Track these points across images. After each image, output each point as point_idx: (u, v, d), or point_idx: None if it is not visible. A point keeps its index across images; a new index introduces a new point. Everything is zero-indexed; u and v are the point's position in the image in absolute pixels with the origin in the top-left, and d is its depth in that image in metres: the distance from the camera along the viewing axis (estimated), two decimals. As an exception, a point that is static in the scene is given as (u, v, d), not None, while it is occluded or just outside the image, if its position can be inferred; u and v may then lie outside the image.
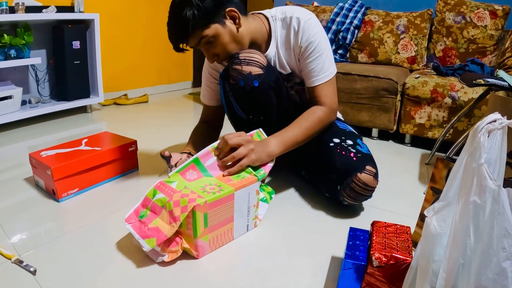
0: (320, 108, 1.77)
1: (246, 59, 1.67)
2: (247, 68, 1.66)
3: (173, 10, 1.61)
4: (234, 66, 1.68)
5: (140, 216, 1.41)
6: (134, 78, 4.44)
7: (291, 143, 1.70)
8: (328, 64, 1.77)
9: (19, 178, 2.07)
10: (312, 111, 1.76)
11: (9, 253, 1.40)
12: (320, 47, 1.74)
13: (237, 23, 1.68)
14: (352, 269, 1.18)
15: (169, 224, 1.33)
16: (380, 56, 3.39)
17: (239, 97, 1.75)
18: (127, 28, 4.21)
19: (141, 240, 1.31)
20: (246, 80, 1.66)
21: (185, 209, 1.31)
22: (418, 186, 2.11)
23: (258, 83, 1.67)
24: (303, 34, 1.72)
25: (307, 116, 1.75)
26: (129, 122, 3.37)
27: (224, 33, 1.65)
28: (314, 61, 1.74)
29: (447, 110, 2.62)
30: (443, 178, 1.38)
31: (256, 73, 1.66)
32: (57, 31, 3.33)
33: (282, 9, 1.80)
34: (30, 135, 2.91)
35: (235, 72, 1.67)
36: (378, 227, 1.28)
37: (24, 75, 3.34)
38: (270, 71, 1.73)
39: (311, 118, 1.74)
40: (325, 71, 1.76)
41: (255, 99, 1.74)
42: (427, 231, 0.90)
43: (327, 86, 1.78)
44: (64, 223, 1.65)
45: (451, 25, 3.16)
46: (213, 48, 1.67)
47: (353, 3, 3.60)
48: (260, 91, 1.70)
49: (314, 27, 1.73)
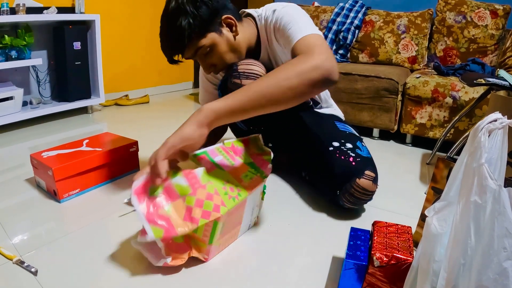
0: (301, 56, 1.34)
1: (246, 72, 1.63)
2: (246, 82, 1.61)
3: (166, 19, 1.56)
4: (233, 80, 1.64)
5: (151, 192, 1.26)
6: (135, 79, 4.45)
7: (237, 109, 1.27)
8: (304, 24, 1.50)
9: (20, 178, 2.08)
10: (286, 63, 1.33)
11: (10, 254, 1.40)
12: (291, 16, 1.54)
13: (233, 30, 1.64)
14: (353, 269, 1.18)
15: (183, 220, 1.24)
16: (381, 56, 3.39)
17: None
18: (128, 29, 4.21)
19: (146, 225, 1.19)
20: None
21: (208, 216, 1.25)
22: (419, 186, 2.11)
23: None
24: (273, 21, 1.61)
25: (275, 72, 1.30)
26: (130, 122, 3.37)
27: (221, 42, 1.60)
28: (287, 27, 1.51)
29: (448, 110, 2.62)
30: (444, 178, 1.38)
31: None
32: (58, 32, 3.34)
33: (266, 6, 1.73)
34: (31, 136, 2.91)
35: (235, 87, 1.61)
36: (379, 227, 1.28)
37: (25, 76, 3.35)
38: None
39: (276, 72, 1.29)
40: (301, 29, 1.47)
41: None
42: (428, 231, 0.90)
43: (308, 38, 1.43)
44: (65, 224, 1.65)
45: (451, 25, 3.16)
46: (210, 58, 1.63)
47: (353, 3, 3.61)
48: None
49: (281, 5, 1.61)
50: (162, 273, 1.32)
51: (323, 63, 1.27)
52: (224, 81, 1.71)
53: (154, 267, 1.33)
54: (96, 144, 2.06)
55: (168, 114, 3.73)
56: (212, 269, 1.35)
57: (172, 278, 1.30)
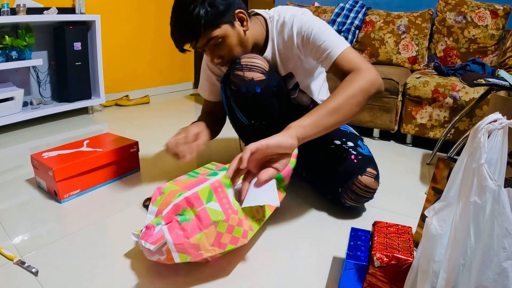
0: (356, 73, 1.44)
1: (248, 65, 1.62)
2: (249, 74, 1.61)
3: (180, 7, 1.56)
4: (236, 72, 1.63)
5: (181, 217, 1.23)
6: (135, 79, 4.45)
7: (317, 133, 1.37)
8: (337, 38, 1.57)
9: (20, 179, 2.08)
10: (347, 81, 1.42)
11: (11, 254, 1.40)
12: (319, 28, 1.58)
13: (244, 25, 1.64)
14: (354, 269, 1.18)
15: (211, 246, 1.22)
16: (381, 56, 3.39)
17: (241, 102, 1.73)
18: (128, 29, 4.21)
19: (174, 253, 1.18)
20: (248, 86, 1.62)
21: (236, 242, 1.26)
22: (419, 186, 2.11)
23: (260, 89, 1.63)
24: (298, 27, 1.63)
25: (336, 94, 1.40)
26: (130, 123, 3.38)
27: (233, 35, 1.60)
28: (321, 38, 1.56)
29: (448, 110, 2.63)
30: (444, 178, 1.38)
31: (258, 79, 1.62)
32: (58, 33, 3.34)
33: (278, 9, 1.74)
34: (31, 137, 2.92)
35: (237, 78, 1.63)
36: (380, 227, 1.28)
37: (26, 77, 3.35)
38: (272, 76, 1.69)
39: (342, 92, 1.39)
40: (337, 42, 1.54)
41: (257, 104, 1.70)
42: (428, 231, 0.90)
43: (346, 56, 1.51)
44: (65, 224, 1.66)
45: (452, 25, 3.16)
46: (219, 50, 1.63)
47: (353, 3, 3.60)
48: (263, 96, 1.66)
49: (307, 17, 1.63)
50: (163, 273, 1.32)
51: (376, 78, 1.43)
52: (227, 74, 1.72)
53: (155, 268, 1.34)
54: (97, 144, 2.07)
55: (169, 114, 3.73)
56: (212, 268, 1.35)
57: (173, 278, 1.30)
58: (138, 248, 1.44)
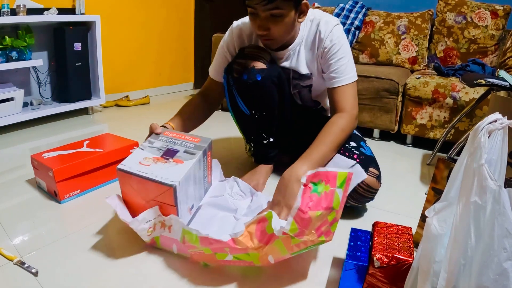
0: (340, 116, 1.70)
1: (250, 54, 1.71)
2: (251, 62, 1.69)
3: None
4: (238, 60, 1.72)
5: (314, 187, 1.26)
6: (135, 80, 4.44)
7: (319, 162, 1.59)
8: (351, 67, 1.76)
9: (20, 179, 2.08)
10: (332, 122, 1.68)
11: (11, 255, 1.40)
12: (344, 50, 1.74)
13: (301, 17, 1.68)
14: (354, 270, 1.18)
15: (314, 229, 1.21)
16: (381, 57, 3.39)
17: (242, 90, 1.79)
18: (128, 30, 4.21)
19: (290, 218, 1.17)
20: (249, 74, 1.69)
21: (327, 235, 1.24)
22: (419, 186, 2.12)
23: (261, 77, 1.70)
24: (329, 36, 1.72)
25: (329, 129, 1.66)
26: (130, 123, 3.38)
27: (291, 19, 1.62)
28: (337, 62, 1.72)
29: (448, 111, 2.63)
30: (444, 178, 1.38)
31: (259, 67, 1.70)
32: (58, 33, 3.33)
33: (312, 12, 1.79)
34: (31, 137, 2.91)
35: (239, 66, 1.71)
36: (380, 227, 1.28)
37: (26, 77, 3.34)
38: (273, 67, 1.77)
39: (333, 130, 1.66)
40: (347, 73, 1.73)
41: (258, 93, 1.77)
42: (428, 231, 0.90)
43: (348, 90, 1.73)
44: (66, 225, 1.66)
45: (452, 25, 3.16)
46: (272, 23, 1.61)
47: (354, 3, 3.61)
48: (263, 85, 1.73)
49: (340, 32, 1.75)
50: (163, 273, 1.32)
51: (355, 123, 1.74)
52: (230, 63, 1.79)
53: (156, 269, 1.34)
54: (97, 145, 2.06)
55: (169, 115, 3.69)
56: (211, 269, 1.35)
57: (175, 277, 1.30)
58: (138, 248, 1.44)
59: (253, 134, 1.97)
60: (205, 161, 1.60)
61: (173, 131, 1.68)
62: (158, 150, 1.53)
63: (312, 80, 1.87)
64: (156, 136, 1.63)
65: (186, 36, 4.93)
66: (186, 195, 1.44)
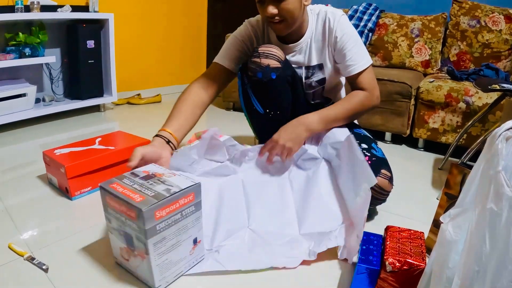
0: (361, 92, 1.79)
1: (265, 53, 1.71)
2: (266, 61, 1.70)
3: None
4: (253, 59, 1.72)
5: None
6: (147, 78, 4.46)
7: (331, 120, 1.75)
8: (364, 53, 1.81)
9: (32, 175, 2.08)
10: (353, 94, 1.80)
11: (21, 250, 1.40)
12: (355, 38, 1.79)
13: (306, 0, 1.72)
14: (365, 273, 1.18)
15: None
16: (394, 60, 3.38)
17: (257, 89, 1.80)
18: (141, 28, 4.22)
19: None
20: (264, 72, 1.70)
21: None
22: (431, 191, 2.10)
23: (275, 75, 1.71)
24: (338, 27, 1.76)
25: (348, 98, 1.80)
26: (142, 121, 3.39)
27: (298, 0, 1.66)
28: (351, 51, 1.77)
29: (461, 115, 2.61)
30: (457, 184, 1.37)
31: (274, 66, 1.70)
32: (71, 30, 3.35)
33: (317, 6, 1.84)
34: (43, 133, 2.93)
35: (254, 65, 1.72)
36: (392, 232, 1.28)
37: (38, 74, 3.37)
38: (287, 66, 1.79)
39: (352, 100, 1.78)
40: (362, 59, 1.78)
41: (272, 91, 1.78)
42: (443, 237, 0.90)
43: (366, 74, 1.80)
44: (76, 221, 1.66)
45: (465, 29, 3.14)
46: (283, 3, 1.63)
47: (367, 5, 3.59)
48: (278, 83, 1.75)
49: (347, 21, 1.80)
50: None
51: (375, 101, 1.82)
52: (245, 63, 1.80)
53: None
54: (109, 142, 2.07)
55: (180, 114, 3.72)
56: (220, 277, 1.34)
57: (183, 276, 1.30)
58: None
59: (266, 133, 1.97)
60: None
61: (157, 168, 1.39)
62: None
63: (325, 71, 1.88)
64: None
65: (198, 36, 4.94)
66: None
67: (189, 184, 1.24)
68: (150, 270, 1.19)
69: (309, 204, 1.59)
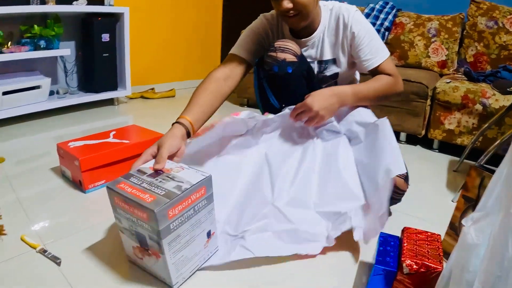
0: (388, 76, 1.78)
1: (281, 47, 1.71)
2: (282, 55, 1.70)
3: None
4: (269, 53, 1.72)
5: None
6: (161, 73, 4.47)
7: (362, 97, 1.74)
8: (382, 45, 1.81)
9: (45, 167, 2.09)
10: (381, 76, 1.78)
11: (34, 242, 1.40)
12: (372, 32, 1.79)
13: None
14: (382, 275, 1.17)
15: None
16: (410, 59, 3.35)
17: (273, 83, 1.80)
18: (156, 23, 4.23)
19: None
20: (280, 66, 1.70)
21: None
22: (445, 193, 2.08)
23: (292, 69, 1.70)
24: (353, 22, 1.76)
25: (376, 79, 1.77)
26: (155, 116, 3.40)
27: None
28: (369, 44, 1.77)
29: (477, 117, 2.59)
30: (475, 186, 1.36)
31: (290, 60, 1.70)
32: (87, 24, 3.36)
33: (330, 1, 1.85)
34: (56, 125, 2.94)
35: (270, 59, 1.71)
36: (409, 233, 1.26)
37: (53, 66, 3.38)
38: (303, 61, 1.79)
39: (381, 81, 1.76)
40: (381, 51, 1.79)
41: (288, 85, 1.77)
42: (464, 240, 0.88)
43: (387, 63, 1.80)
44: (89, 215, 1.66)
45: (483, 30, 3.11)
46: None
47: (384, 4, 3.57)
48: (294, 78, 1.74)
49: (362, 15, 1.80)
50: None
51: (400, 87, 1.82)
52: (261, 57, 1.80)
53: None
54: (123, 136, 2.07)
55: (193, 109, 3.72)
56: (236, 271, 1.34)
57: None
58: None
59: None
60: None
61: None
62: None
63: (338, 65, 1.88)
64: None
65: (213, 31, 4.94)
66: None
67: (200, 178, 1.22)
68: (166, 269, 1.18)
69: (327, 179, 1.59)
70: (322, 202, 1.54)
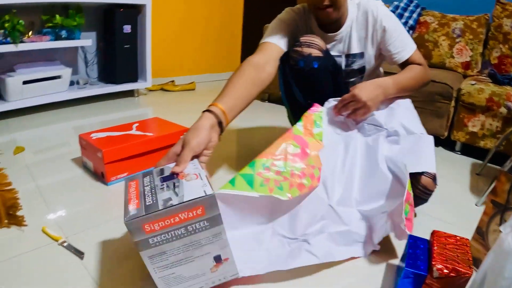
0: (418, 66, 1.82)
1: (307, 42, 1.70)
2: (307, 50, 1.69)
3: None
4: (294, 48, 1.71)
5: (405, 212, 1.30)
6: (182, 65, 4.48)
7: (402, 88, 1.75)
8: (409, 37, 1.84)
9: (65, 157, 2.09)
10: (412, 66, 1.81)
11: (55, 235, 1.40)
12: (400, 26, 1.81)
13: None
14: (411, 278, 1.16)
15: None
16: (434, 59, 3.31)
17: (299, 78, 1.79)
18: (178, 16, 4.23)
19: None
20: (306, 61, 1.69)
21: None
22: (469, 196, 2.06)
23: (317, 64, 1.70)
24: (383, 17, 1.78)
25: (409, 69, 1.80)
26: (176, 108, 3.40)
27: None
28: (398, 38, 1.79)
29: (501, 120, 2.55)
30: (505, 191, 1.33)
31: (316, 55, 1.69)
32: (108, 15, 3.37)
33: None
34: (76, 116, 2.95)
35: (296, 54, 1.70)
36: (438, 237, 1.25)
37: (74, 56, 3.39)
38: (329, 56, 1.79)
39: (414, 70, 1.79)
40: (409, 44, 1.82)
41: (314, 81, 1.77)
42: (501, 247, 0.87)
43: (415, 54, 1.83)
44: (112, 207, 1.66)
45: (508, 32, 3.06)
46: None
47: (408, 2, 3.53)
48: (319, 73, 1.73)
49: (389, 11, 1.81)
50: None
51: (430, 76, 1.87)
52: (286, 52, 1.77)
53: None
54: (146, 128, 2.06)
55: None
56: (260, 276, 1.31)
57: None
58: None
59: None
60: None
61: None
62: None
63: (365, 59, 1.89)
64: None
65: (234, 26, 4.94)
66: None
67: (196, 196, 1.03)
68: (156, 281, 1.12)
69: (368, 175, 1.58)
70: (364, 199, 1.53)
